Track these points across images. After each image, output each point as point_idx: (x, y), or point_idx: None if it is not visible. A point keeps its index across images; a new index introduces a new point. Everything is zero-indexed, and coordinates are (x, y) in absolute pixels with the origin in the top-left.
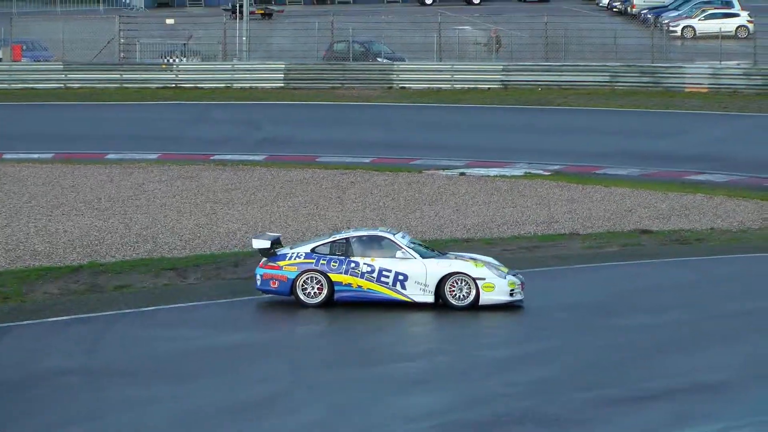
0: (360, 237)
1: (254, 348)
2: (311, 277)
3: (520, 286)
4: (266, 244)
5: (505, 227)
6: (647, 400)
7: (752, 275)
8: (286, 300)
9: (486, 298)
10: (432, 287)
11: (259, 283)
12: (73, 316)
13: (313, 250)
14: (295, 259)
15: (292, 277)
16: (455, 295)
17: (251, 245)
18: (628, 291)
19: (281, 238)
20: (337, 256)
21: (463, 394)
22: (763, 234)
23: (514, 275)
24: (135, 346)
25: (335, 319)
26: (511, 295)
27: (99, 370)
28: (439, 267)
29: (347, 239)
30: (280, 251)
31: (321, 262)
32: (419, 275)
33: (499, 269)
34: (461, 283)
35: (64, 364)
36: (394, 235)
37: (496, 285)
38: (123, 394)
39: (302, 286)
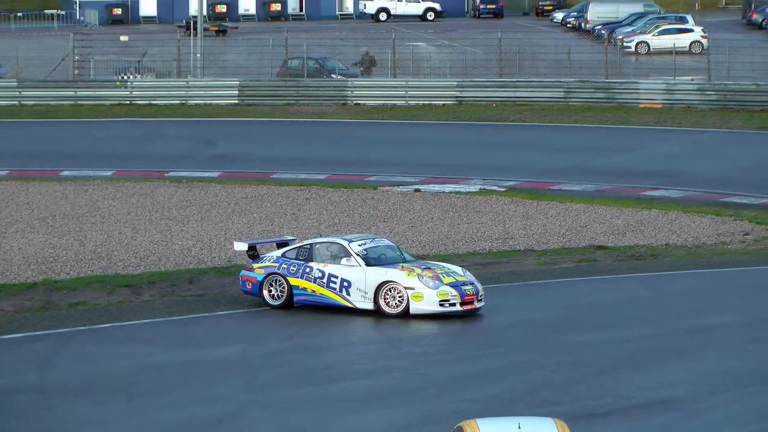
0: (321, 243)
1: (208, 366)
2: (275, 279)
3: (465, 297)
4: (244, 247)
5: (461, 243)
6: (601, 417)
7: (707, 291)
8: (242, 316)
9: (415, 307)
10: (371, 294)
11: (240, 284)
12: (27, 334)
13: (283, 255)
14: (266, 262)
15: (260, 279)
16: (389, 302)
17: (234, 247)
18: (583, 307)
19: (289, 242)
20: (299, 261)
21: (417, 411)
22: (717, 250)
23: (471, 285)
24: (89, 364)
25: (289, 338)
26: (442, 305)
27: (52, 388)
28: (376, 275)
29: (311, 245)
30: (264, 255)
31: (283, 266)
32: (360, 282)
33: (453, 277)
34: (394, 291)
35: (17, 382)
36: (349, 242)
37: (425, 295)
38: (76, 412)
39: (268, 288)
